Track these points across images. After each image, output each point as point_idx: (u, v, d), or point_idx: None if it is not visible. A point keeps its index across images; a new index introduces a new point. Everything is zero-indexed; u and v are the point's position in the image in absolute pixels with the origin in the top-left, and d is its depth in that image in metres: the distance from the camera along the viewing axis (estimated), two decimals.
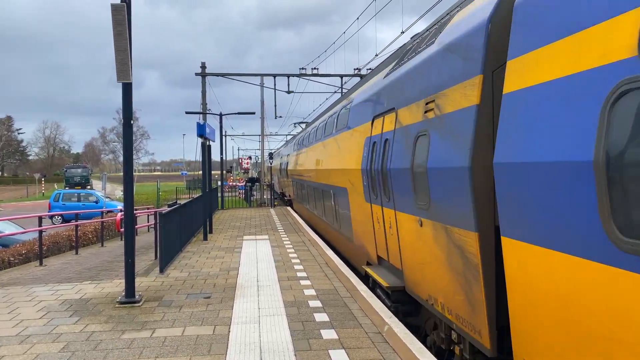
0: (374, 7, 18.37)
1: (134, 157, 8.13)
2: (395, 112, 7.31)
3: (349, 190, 10.55)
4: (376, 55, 19.61)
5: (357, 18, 21.05)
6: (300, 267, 10.01)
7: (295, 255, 11.44)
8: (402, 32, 15.87)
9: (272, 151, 47.54)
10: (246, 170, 70.48)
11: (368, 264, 9.31)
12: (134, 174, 8.56)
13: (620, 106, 2.99)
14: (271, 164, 38.75)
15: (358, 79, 28.14)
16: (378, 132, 8.35)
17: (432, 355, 5.04)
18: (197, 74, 28.66)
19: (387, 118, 7.84)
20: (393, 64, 8.67)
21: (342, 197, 11.44)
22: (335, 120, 13.13)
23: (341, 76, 29.76)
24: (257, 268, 9.93)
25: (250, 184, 41.45)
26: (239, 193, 43.58)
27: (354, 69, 29.45)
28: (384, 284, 7.37)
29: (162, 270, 9.66)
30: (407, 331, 5.76)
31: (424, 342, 6.64)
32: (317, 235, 14.64)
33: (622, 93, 2.97)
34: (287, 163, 28.32)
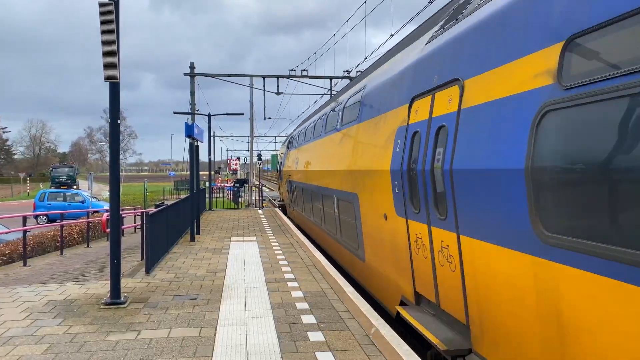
0: (364, 11, 18.60)
1: (121, 157, 8.07)
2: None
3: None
4: (365, 58, 19.68)
5: (347, 20, 21.12)
6: (288, 268, 9.98)
7: (283, 257, 11.41)
8: (392, 35, 15.98)
9: (260, 152, 48.05)
10: (234, 172, 70.13)
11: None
12: (120, 174, 8.49)
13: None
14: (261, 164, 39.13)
15: (347, 81, 28.20)
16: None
17: (419, 358, 5.05)
18: (185, 74, 28.49)
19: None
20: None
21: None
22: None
23: (330, 78, 29.69)
24: (245, 270, 9.89)
25: (238, 185, 41.26)
26: (227, 194, 43.40)
27: (344, 71, 29.44)
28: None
29: (148, 272, 9.58)
30: (394, 333, 5.77)
31: None
32: (305, 238, 14.64)
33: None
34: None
